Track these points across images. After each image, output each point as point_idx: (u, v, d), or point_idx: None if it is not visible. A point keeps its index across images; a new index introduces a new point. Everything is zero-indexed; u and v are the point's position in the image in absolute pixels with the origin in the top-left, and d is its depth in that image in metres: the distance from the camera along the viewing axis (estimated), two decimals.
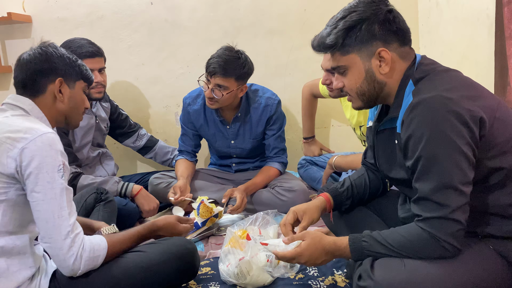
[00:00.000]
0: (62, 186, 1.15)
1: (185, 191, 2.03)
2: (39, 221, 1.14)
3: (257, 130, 2.20)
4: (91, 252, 1.18)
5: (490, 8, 1.67)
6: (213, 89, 1.99)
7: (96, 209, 1.70)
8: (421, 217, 1.05)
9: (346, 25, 1.12)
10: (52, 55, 1.27)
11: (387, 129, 1.24)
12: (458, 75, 1.14)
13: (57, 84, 1.27)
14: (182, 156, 2.29)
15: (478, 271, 1.04)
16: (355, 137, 2.16)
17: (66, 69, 1.29)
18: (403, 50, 1.15)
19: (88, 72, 1.36)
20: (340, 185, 1.44)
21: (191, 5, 2.54)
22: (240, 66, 1.99)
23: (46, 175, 1.12)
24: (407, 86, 1.13)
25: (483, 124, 1.03)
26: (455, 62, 2.02)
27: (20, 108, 1.23)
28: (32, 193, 1.13)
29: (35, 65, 1.26)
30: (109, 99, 2.30)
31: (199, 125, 2.23)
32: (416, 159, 1.05)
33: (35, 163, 1.12)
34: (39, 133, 1.14)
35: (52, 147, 1.14)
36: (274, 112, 2.16)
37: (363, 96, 1.19)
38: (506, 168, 1.06)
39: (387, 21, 1.12)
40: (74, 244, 1.14)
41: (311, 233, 1.21)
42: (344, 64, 1.17)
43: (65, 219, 1.14)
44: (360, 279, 1.10)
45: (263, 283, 1.41)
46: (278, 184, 2.14)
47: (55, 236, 1.13)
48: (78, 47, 1.99)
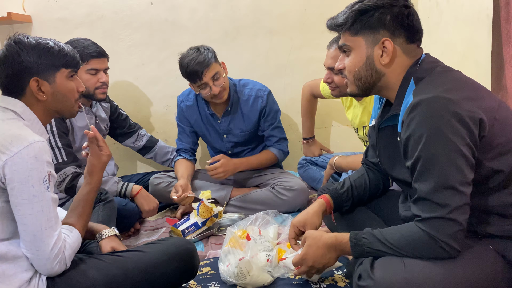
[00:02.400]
0: (48, 197, 1.13)
1: (186, 189, 2.04)
2: (25, 233, 1.12)
3: (249, 122, 2.21)
4: (71, 249, 1.18)
5: (490, 8, 1.67)
6: (214, 82, 2.01)
7: (95, 209, 1.69)
8: (420, 217, 1.06)
9: (361, 7, 1.15)
10: (18, 54, 1.18)
11: (389, 126, 1.24)
12: (459, 76, 1.14)
13: (33, 85, 1.20)
14: (181, 155, 2.29)
15: (478, 271, 1.04)
16: (355, 138, 2.16)
17: (39, 66, 1.20)
18: (409, 46, 1.17)
19: (68, 56, 1.25)
20: (340, 186, 1.44)
21: (191, 5, 2.54)
22: (207, 51, 2.02)
23: (31, 188, 1.10)
24: (409, 85, 1.13)
25: (483, 125, 1.03)
26: (455, 62, 2.01)
27: (11, 111, 1.19)
28: (17, 207, 1.10)
29: (6, 69, 1.19)
30: (109, 99, 2.30)
31: (194, 120, 2.26)
32: (416, 159, 1.06)
33: (19, 177, 1.09)
34: (25, 144, 1.09)
35: (38, 159, 1.11)
36: (266, 103, 2.18)
37: (359, 81, 1.20)
38: (507, 169, 1.06)
39: (400, 15, 1.14)
40: (59, 251, 1.14)
41: (311, 234, 1.22)
42: (350, 44, 1.19)
43: (52, 229, 1.13)
44: (360, 278, 1.10)
45: (263, 283, 1.41)
46: (278, 183, 2.14)
47: (43, 248, 1.12)
48: (85, 47, 1.99)
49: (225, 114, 2.19)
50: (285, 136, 2.30)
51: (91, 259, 1.27)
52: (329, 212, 1.41)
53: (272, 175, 2.25)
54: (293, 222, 1.36)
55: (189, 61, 2.00)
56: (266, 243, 1.57)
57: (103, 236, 1.42)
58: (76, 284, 1.19)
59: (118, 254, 1.31)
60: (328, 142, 2.71)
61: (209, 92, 2.03)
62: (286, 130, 2.65)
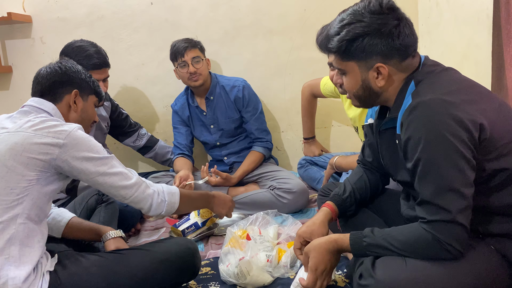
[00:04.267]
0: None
1: (187, 179, 2.09)
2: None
3: (231, 108, 2.33)
4: (155, 187, 1.36)
5: (490, 8, 1.67)
6: (192, 63, 2.22)
7: (97, 211, 1.70)
8: (426, 219, 1.05)
9: (349, 35, 1.11)
10: (70, 69, 1.38)
11: (389, 128, 1.24)
12: (458, 77, 1.14)
13: (72, 95, 1.36)
14: (178, 154, 2.36)
15: (480, 271, 1.04)
16: (356, 137, 2.16)
17: (81, 83, 1.39)
18: (403, 64, 1.14)
19: (100, 89, 1.47)
20: (342, 191, 1.43)
21: (191, 5, 2.54)
22: (197, 41, 2.29)
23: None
24: (409, 87, 1.13)
25: (483, 129, 1.02)
26: (455, 62, 2.02)
27: (44, 111, 1.29)
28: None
29: (54, 77, 1.35)
30: (110, 98, 2.31)
31: (186, 117, 2.39)
32: (416, 162, 1.05)
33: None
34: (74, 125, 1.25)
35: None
36: (242, 94, 2.32)
37: (359, 99, 1.22)
38: (508, 169, 1.06)
39: (391, 37, 1.09)
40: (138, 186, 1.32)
41: (311, 246, 1.22)
42: (343, 68, 1.18)
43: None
44: (361, 278, 1.10)
45: (263, 283, 1.41)
46: (278, 186, 2.14)
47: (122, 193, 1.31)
48: (86, 57, 2.00)
49: (208, 104, 2.34)
50: (266, 128, 2.40)
51: (94, 256, 1.29)
52: (335, 219, 1.41)
53: (268, 173, 2.27)
54: (299, 233, 1.34)
55: (177, 41, 2.27)
56: (266, 243, 1.57)
57: (109, 237, 1.45)
58: (79, 280, 1.20)
59: (120, 252, 1.33)
60: (328, 142, 2.71)
61: (186, 70, 2.22)
62: (286, 130, 2.65)
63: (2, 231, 1.14)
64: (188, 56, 2.22)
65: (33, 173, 1.18)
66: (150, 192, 1.33)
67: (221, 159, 2.41)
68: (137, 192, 1.30)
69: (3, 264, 1.13)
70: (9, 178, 1.16)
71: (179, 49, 2.22)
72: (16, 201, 1.16)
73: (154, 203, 1.33)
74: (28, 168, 1.17)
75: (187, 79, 2.26)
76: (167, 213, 1.38)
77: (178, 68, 2.27)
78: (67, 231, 1.45)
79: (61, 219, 1.46)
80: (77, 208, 1.68)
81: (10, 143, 1.17)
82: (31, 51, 2.56)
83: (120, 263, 1.27)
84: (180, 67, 2.24)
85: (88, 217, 1.67)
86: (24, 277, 1.13)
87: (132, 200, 1.30)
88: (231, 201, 1.66)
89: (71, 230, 1.46)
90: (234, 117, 2.34)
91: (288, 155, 2.72)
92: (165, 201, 1.36)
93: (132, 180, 1.29)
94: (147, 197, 1.32)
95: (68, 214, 1.49)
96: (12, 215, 1.15)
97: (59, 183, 1.25)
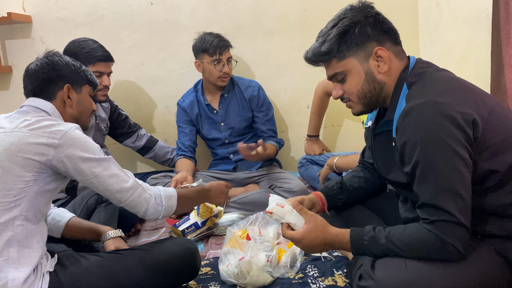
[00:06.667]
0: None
1: (183, 181, 2.08)
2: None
3: (245, 106, 2.32)
4: (151, 189, 1.34)
5: (489, 9, 1.67)
6: (227, 63, 2.21)
7: (97, 211, 1.71)
8: (428, 220, 1.05)
9: (339, 30, 1.14)
10: (58, 63, 1.34)
11: (384, 131, 1.24)
12: (450, 77, 1.14)
13: (65, 90, 1.33)
14: (181, 155, 2.35)
15: (479, 272, 1.04)
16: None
17: (72, 76, 1.35)
18: (396, 48, 1.18)
19: (92, 77, 1.43)
20: (329, 183, 1.47)
21: (191, 5, 2.54)
22: (227, 39, 2.27)
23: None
24: (402, 90, 1.14)
25: (476, 125, 1.03)
26: (455, 62, 2.02)
27: (42, 111, 1.28)
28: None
29: (43, 74, 1.32)
30: (109, 99, 2.31)
31: (195, 115, 2.36)
32: (414, 165, 1.05)
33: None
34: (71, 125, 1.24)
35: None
36: (257, 93, 2.32)
37: (364, 98, 1.20)
38: (500, 172, 1.05)
39: (378, 22, 1.15)
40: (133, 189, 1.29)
41: (318, 219, 1.21)
42: (343, 70, 1.18)
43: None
44: (361, 279, 1.10)
45: (263, 283, 1.41)
46: (278, 185, 2.14)
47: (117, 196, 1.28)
48: (93, 50, 2.01)
49: (222, 102, 2.32)
50: (276, 130, 2.41)
51: (94, 256, 1.29)
52: (322, 208, 1.42)
53: (272, 175, 2.26)
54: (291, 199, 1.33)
55: (215, 36, 2.21)
56: (266, 243, 1.57)
57: (108, 237, 1.45)
58: (78, 281, 1.20)
59: (120, 252, 1.33)
60: (335, 142, 2.70)
61: (221, 68, 2.20)
62: (286, 130, 2.65)
63: (0, 233, 1.14)
64: (225, 56, 2.21)
65: (30, 174, 1.16)
66: (147, 196, 1.30)
67: (227, 156, 2.40)
68: (132, 196, 1.27)
69: (2, 266, 1.13)
70: (5, 179, 1.15)
71: (218, 45, 2.18)
72: (13, 203, 1.15)
73: (150, 208, 1.30)
74: (25, 169, 1.16)
75: (217, 77, 2.23)
76: (165, 217, 1.36)
77: (209, 63, 2.21)
78: (67, 231, 1.45)
79: (61, 219, 1.46)
80: (77, 208, 1.68)
81: (6, 143, 1.17)
82: (31, 51, 2.56)
83: (120, 263, 1.27)
84: (214, 64, 2.20)
85: (88, 217, 1.68)
86: (23, 278, 1.13)
87: (127, 204, 1.28)
88: (226, 186, 1.62)
89: (70, 230, 1.46)
90: (246, 116, 2.34)
91: (288, 155, 2.72)
92: (162, 205, 1.33)
93: (128, 184, 1.26)
94: (143, 201, 1.29)
95: (67, 214, 1.49)
96: (9, 217, 1.14)
97: (57, 183, 1.24)
